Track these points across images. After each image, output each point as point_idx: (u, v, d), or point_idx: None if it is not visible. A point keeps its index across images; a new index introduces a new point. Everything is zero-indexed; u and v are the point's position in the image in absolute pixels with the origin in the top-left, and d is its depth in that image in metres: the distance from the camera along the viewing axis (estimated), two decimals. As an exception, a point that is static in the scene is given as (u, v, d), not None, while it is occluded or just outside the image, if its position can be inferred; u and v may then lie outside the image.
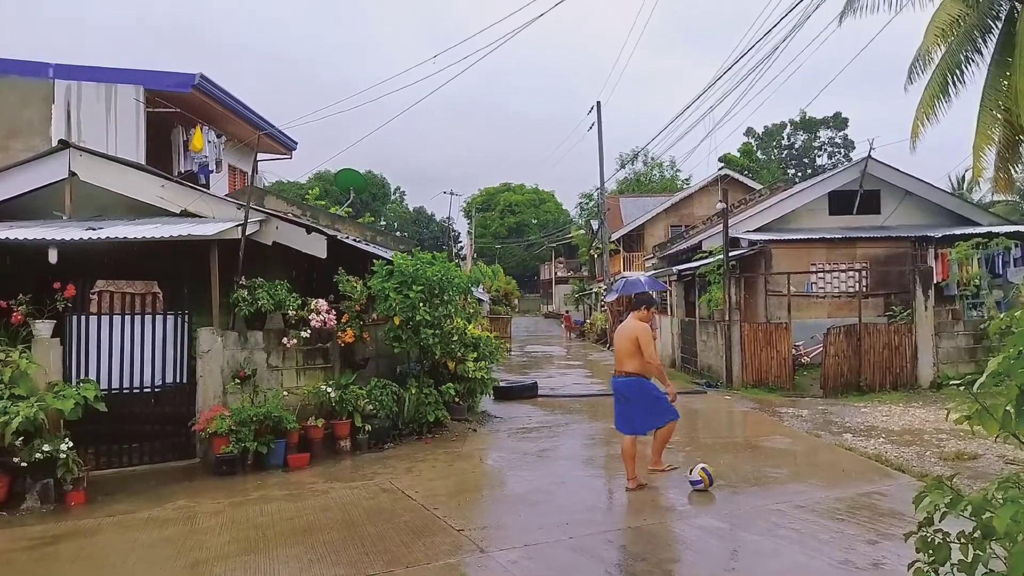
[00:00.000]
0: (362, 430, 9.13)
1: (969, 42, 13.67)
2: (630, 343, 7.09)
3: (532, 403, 13.18)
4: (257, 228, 8.98)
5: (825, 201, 18.13)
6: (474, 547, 5.43)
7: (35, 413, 6.80)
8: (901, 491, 6.52)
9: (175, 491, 7.36)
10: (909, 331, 13.67)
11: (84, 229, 8.06)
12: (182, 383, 8.63)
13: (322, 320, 9.15)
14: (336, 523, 6.13)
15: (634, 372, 7.10)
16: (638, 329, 7.15)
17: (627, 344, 7.12)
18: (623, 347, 7.17)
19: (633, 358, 7.07)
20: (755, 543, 5.48)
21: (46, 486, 6.96)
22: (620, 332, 7.36)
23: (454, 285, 10.18)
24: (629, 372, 7.11)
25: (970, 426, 2.75)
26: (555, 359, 24.28)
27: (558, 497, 6.90)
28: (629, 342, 7.11)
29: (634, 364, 7.08)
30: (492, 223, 72.62)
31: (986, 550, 2.60)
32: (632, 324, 7.26)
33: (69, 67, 13.29)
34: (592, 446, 9.70)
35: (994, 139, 13.45)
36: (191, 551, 5.55)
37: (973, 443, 8.51)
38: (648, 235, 35.90)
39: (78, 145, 9.64)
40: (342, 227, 13.27)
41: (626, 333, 7.22)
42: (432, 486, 7.33)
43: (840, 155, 60.14)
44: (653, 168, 58.89)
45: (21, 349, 7.30)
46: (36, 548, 5.82)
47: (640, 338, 7.03)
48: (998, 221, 18.28)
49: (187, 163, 14.21)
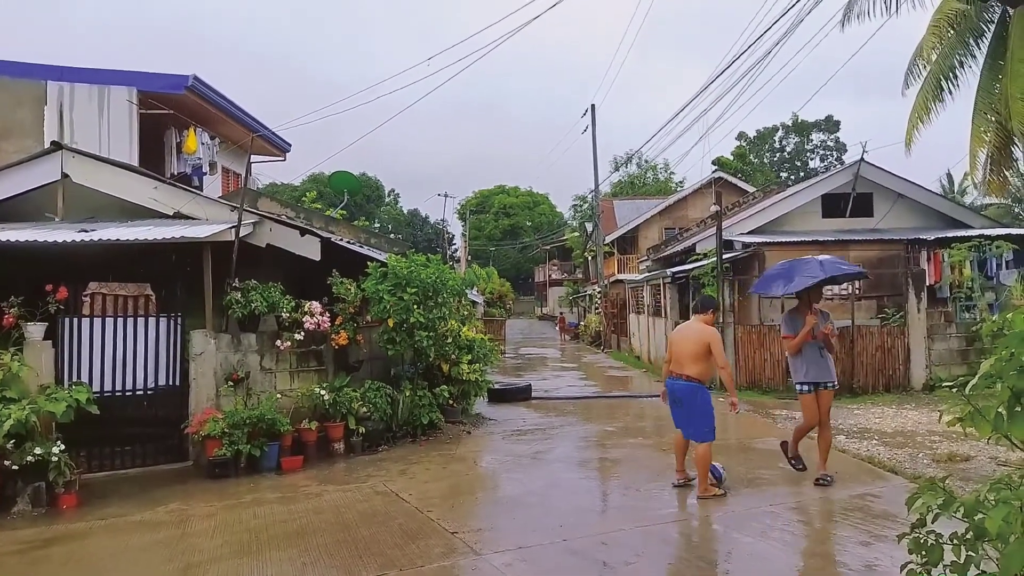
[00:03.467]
0: (356, 432, 9.11)
1: (963, 46, 13.74)
2: (698, 347, 6.74)
3: (526, 405, 13.18)
4: (251, 230, 8.95)
5: (818, 204, 18.19)
6: (468, 550, 5.42)
7: (27, 416, 6.76)
8: (894, 493, 6.54)
9: (168, 494, 7.32)
10: (902, 333, 13.73)
11: (76, 231, 8.02)
12: (175, 385, 8.59)
13: (316, 322, 9.13)
14: (330, 526, 6.11)
15: (695, 377, 6.73)
16: (709, 333, 6.82)
17: (694, 347, 6.76)
18: (688, 349, 6.78)
19: (698, 363, 6.74)
20: (749, 545, 5.48)
21: (37, 489, 6.91)
22: (684, 333, 7.01)
23: (448, 287, 10.18)
24: (690, 376, 6.73)
25: (962, 428, 2.75)
26: (549, 361, 24.28)
27: (552, 499, 6.90)
28: (697, 345, 6.75)
29: (697, 369, 6.74)
30: (486, 225, 72.66)
31: (979, 551, 2.61)
32: (700, 327, 6.92)
33: (61, 68, 13.23)
34: (586, 448, 9.70)
35: (987, 142, 13.52)
36: (184, 554, 5.53)
37: (965, 445, 8.54)
38: (642, 237, 35.95)
39: (70, 147, 9.60)
40: (336, 229, 13.24)
41: (694, 335, 6.87)
42: (426, 488, 7.31)
43: (832, 158, 60.36)
44: (647, 171, 59.02)
45: (13, 352, 7.26)
46: (27, 552, 5.78)
47: (713, 344, 6.73)
48: (990, 224, 18.37)
49: (180, 165, 14.16)
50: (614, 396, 14.72)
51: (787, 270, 7.50)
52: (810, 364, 7.20)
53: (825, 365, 7.22)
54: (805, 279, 7.15)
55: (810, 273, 7.20)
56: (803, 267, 7.36)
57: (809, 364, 7.20)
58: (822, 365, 7.19)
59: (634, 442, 9.74)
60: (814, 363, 7.19)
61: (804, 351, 7.18)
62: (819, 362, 7.18)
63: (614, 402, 13.83)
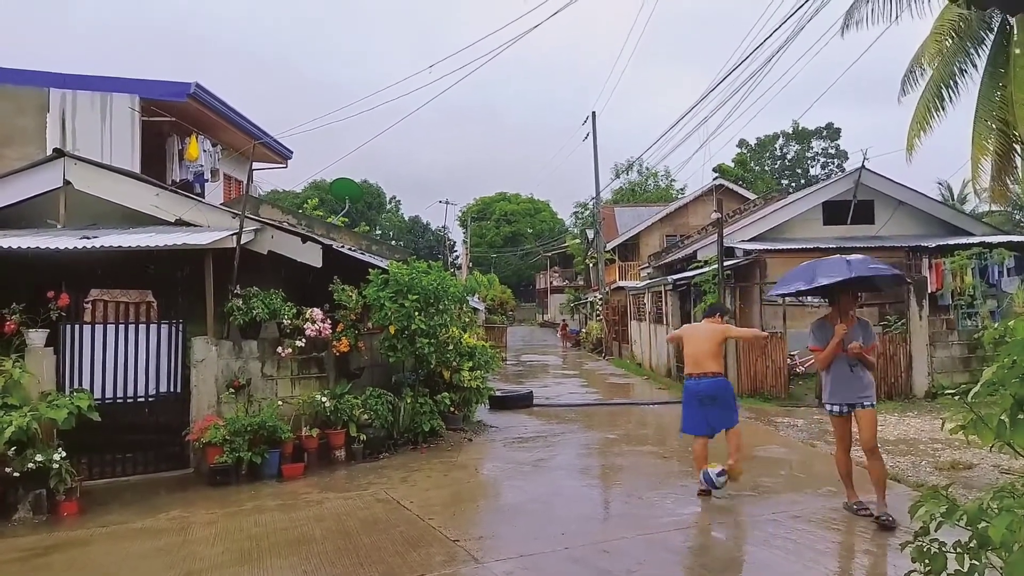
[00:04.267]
0: (357, 440, 9.10)
1: (963, 53, 13.79)
2: (715, 344, 7.15)
3: (528, 413, 13.16)
4: (252, 237, 8.96)
5: (819, 211, 18.21)
6: (469, 558, 5.40)
7: (28, 423, 6.76)
8: (896, 501, 6.50)
9: (169, 501, 7.31)
10: (904, 341, 13.70)
11: (78, 238, 8.03)
12: (176, 392, 8.59)
13: (317, 329, 9.12)
14: (331, 533, 6.09)
15: (719, 372, 7.16)
16: (721, 328, 7.33)
17: (711, 345, 7.13)
18: (706, 348, 7.14)
19: (717, 358, 7.16)
20: (751, 553, 5.47)
21: (38, 496, 6.90)
22: (697, 335, 7.32)
23: (450, 294, 10.18)
24: (716, 372, 7.12)
25: (965, 436, 2.75)
26: (551, 368, 24.26)
27: (554, 507, 6.88)
28: (713, 343, 7.15)
29: (718, 364, 7.17)
30: (488, 232, 72.72)
31: (982, 560, 2.60)
32: (711, 326, 7.32)
33: (64, 76, 13.29)
34: (588, 456, 9.68)
35: (989, 150, 13.55)
36: (184, 561, 5.51)
37: (968, 453, 8.52)
38: (643, 244, 35.96)
39: (73, 154, 9.63)
40: (337, 236, 13.27)
41: (707, 335, 7.22)
42: (427, 496, 7.30)
43: (833, 165, 60.39)
44: (648, 178, 59.09)
45: (14, 358, 7.27)
46: (28, 559, 5.77)
47: (728, 331, 7.42)
48: (991, 231, 18.38)
49: (182, 172, 14.20)
50: (616, 403, 14.69)
51: (809, 269, 6.48)
52: (837, 381, 6.31)
53: (858, 382, 6.24)
54: (826, 278, 6.19)
55: (834, 272, 6.21)
56: (827, 266, 6.38)
57: (836, 381, 6.32)
58: (853, 383, 6.23)
59: (636, 450, 9.72)
60: (843, 380, 6.27)
61: (832, 366, 6.29)
62: (848, 379, 6.24)
63: (616, 409, 13.80)
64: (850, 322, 6.26)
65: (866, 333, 6.27)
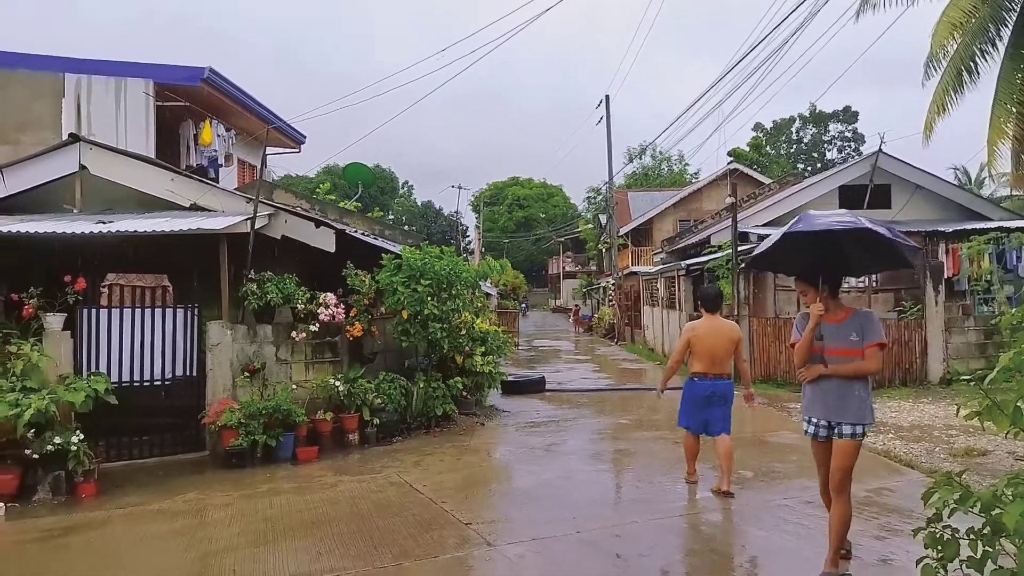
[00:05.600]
0: (370, 424, 9.16)
1: (983, 34, 13.54)
2: (732, 344, 6.72)
3: (540, 397, 13.20)
4: (266, 222, 9.00)
5: (835, 196, 18.04)
6: (482, 540, 5.44)
7: (46, 405, 6.85)
8: (910, 487, 6.50)
9: (185, 483, 7.40)
10: (919, 326, 13.60)
11: (94, 222, 8.09)
12: (192, 376, 8.67)
13: (331, 314, 9.17)
14: (345, 516, 6.15)
15: (730, 374, 6.85)
16: (738, 331, 6.87)
17: (728, 344, 6.71)
18: (723, 347, 6.69)
19: (728, 360, 6.79)
20: (763, 538, 5.47)
21: (57, 478, 7.02)
22: (714, 332, 6.73)
23: (462, 279, 10.20)
24: (729, 375, 6.81)
25: (980, 422, 2.74)
26: (563, 354, 24.28)
27: (565, 491, 6.91)
28: (732, 343, 6.72)
29: (729, 366, 6.82)
30: (500, 217, 72.67)
31: (995, 546, 2.59)
32: (727, 325, 6.87)
33: (79, 61, 13.35)
34: (599, 441, 9.70)
35: (1008, 133, 13.33)
36: (201, 543, 5.59)
37: (983, 439, 8.47)
38: (656, 229, 35.81)
39: (88, 139, 9.68)
40: (350, 221, 13.29)
41: (725, 333, 6.75)
42: (440, 480, 7.35)
43: (850, 149, 59.86)
44: (661, 162, 58.75)
45: (33, 342, 7.36)
46: (47, 540, 5.87)
47: (740, 341, 6.83)
48: (1009, 216, 18.16)
49: (196, 157, 14.27)
50: (628, 389, 14.69)
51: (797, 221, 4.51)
52: (815, 389, 4.56)
53: (841, 399, 4.42)
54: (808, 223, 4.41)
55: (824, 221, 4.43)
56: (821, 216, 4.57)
57: (814, 388, 4.58)
58: (835, 396, 4.45)
59: (647, 435, 9.74)
60: (822, 389, 4.51)
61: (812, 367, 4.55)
62: (830, 389, 4.47)
63: (628, 395, 13.81)
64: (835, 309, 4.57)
65: (867, 327, 4.45)
